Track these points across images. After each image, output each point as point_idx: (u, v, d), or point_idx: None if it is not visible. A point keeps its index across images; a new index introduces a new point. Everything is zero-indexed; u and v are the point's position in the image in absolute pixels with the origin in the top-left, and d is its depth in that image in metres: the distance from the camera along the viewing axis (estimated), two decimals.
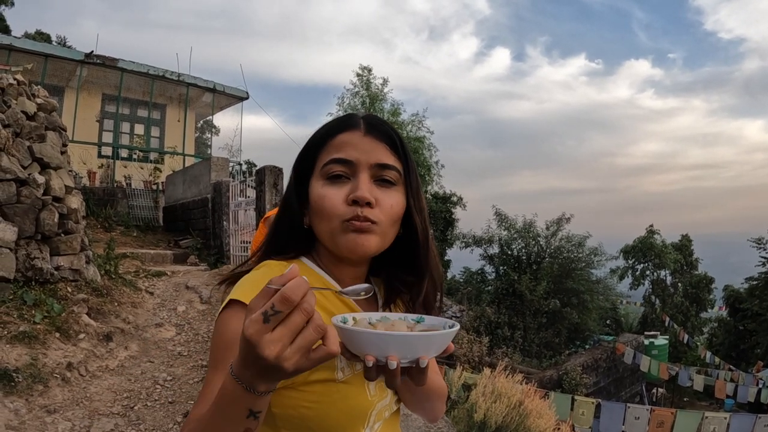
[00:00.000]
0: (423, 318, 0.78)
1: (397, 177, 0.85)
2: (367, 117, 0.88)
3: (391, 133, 0.86)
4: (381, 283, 0.95)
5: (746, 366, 16.79)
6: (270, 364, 0.56)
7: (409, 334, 0.67)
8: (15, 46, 12.61)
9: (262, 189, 7.99)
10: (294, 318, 0.56)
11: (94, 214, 10.70)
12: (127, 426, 3.47)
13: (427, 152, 17.15)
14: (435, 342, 0.67)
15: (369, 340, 0.64)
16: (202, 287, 6.60)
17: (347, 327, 0.66)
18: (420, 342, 0.66)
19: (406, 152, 0.87)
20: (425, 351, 0.66)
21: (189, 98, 16.19)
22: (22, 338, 3.83)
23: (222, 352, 0.76)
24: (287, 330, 0.56)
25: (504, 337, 13.69)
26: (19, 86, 5.05)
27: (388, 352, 0.64)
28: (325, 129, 0.87)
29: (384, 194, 0.83)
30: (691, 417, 7.52)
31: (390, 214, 0.83)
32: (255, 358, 0.56)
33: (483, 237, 17.23)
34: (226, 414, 0.63)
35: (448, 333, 0.68)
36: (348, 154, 0.82)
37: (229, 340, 0.76)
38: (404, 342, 0.65)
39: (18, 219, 4.42)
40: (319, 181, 0.84)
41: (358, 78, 17.47)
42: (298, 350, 0.56)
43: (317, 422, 0.78)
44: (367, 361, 0.64)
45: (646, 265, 23.60)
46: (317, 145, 0.87)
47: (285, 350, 0.56)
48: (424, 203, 0.91)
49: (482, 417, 4.58)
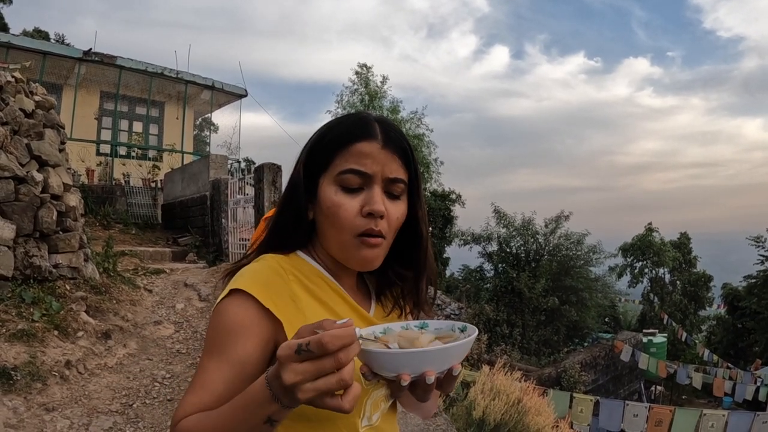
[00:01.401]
0: (426, 323, 0.78)
1: (403, 189, 0.87)
2: (382, 125, 0.88)
3: (405, 145, 0.88)
4: (373, 276, 0.97)
5: (744, 364, 16.84)
6: (285, 387, 0.59)
7: (447, 347, 0.67)
8: (13, 43, 12.58)
9: (260, 186, 7.98)
10: (324, 362, 0.58)
11: (93, 211, 10.68)
12: (126, 424, 3.46)
13: (426, 149, 17.18)
14: (466, 349, 0.68)
15: (406, 360, 0.64)
16: (200, 285, 6.60)
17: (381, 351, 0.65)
18: (455, 352, 0.67)
19: (416, 163, 0.90)
20: (458, 359, 0.67)
21: (187, 96, 16.16)
22: (21, 336, 3.82)
23: (220, 338, 0.77)
24: (313, 368, 0.58)
25: (503, 335, 13.72)
26: (18, 84, 5.03)
27: (425, 368, 0.64)
28: (341, 132, 0.87)
29: (392, 206, 0.85)
30: (690, 414, 7.53)
31: (395, 225, 0.86)
32: (277, 378, 0.60)
33: (482, 234, 17.26)
34: (246, 414, 0.65)
35: (471, 339, 0.69)
36: (367, 168, 0.83)
37: (228, 326, 0.77)
38: (442, 355, 0.65)
39: (16, 217, 4.41)
40: (332, 186, 0.85)
41: (357, 76, 17.48)
42: (315, 390, 0.59)
43: (314, 412, 0.78)
44: (403, 381, 0.65)
45: (645, 263, 23.62)
46: (332, 147, 0.86)
47: (304, 384, 0.58)
48: (425, 206, 0.94)
49: (481, 414, 4.58)
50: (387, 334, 0.75)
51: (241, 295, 0.78)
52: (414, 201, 0.90)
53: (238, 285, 0.79)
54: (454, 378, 0.71)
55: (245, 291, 0.78)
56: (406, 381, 0.65)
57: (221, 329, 0.78)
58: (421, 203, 0.91)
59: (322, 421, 0.80)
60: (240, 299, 0.78)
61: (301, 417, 0.79)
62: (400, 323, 0.79)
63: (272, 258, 0.87)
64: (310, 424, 0.80)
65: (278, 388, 0.61)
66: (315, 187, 0.87)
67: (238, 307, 0.77)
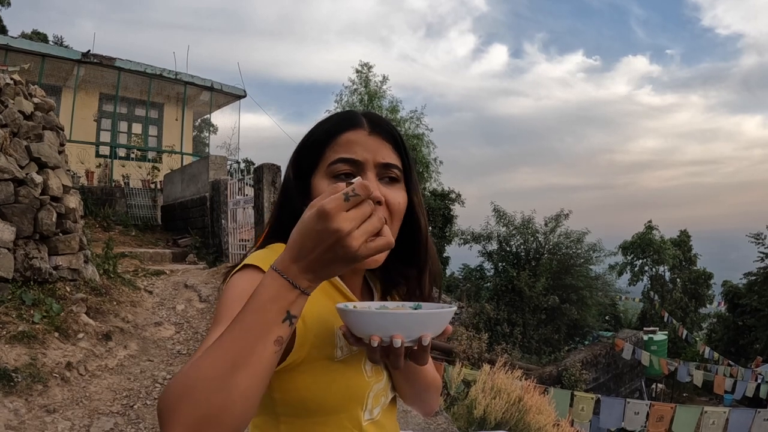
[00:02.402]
0: (420, 305, 0.81)
1: (399, 174, 0.87)
2: (368, 115, 0.89)
3: (393, 131, 0.88)
4: (377, 277, 0.97)
5: (745, 361, 16.84)
6: (341, 238, 0.60)
7: (412, 312, 0.71)
8: (12, 46, 12.56)
9: (260, 187, 7.97)
10: (364, 207, 0.62)
11: (93, 213, 10.68)
12: (127, 425, 3.47)
13: (425, 149, 17.15)
14: (436, 319, 0.70)
15: (374, 321, 0.68)
16: (201, 286, 6.60)
17: (352, 310, 0.70)
18: (422, 319, 0.69)
19: (407, 150, 0.89)
20: (427, 329, 0.69)
21: (187, 97, 16.15)
22: (21, 338, 3.83)
23: (228, 307, 0.72)
24: (360, 213, 0.61)
25: (503, 334, 13.71)
26: (17, 86, 5.03)
27: (393, 332, 0.67)
28: (329, 126, 0.88)
29: (390, 191, 0.85)
30: (691, 412, 7.53)
31: (397, 211, 0.85)
32: (325, 234, 0.60)
33: (482, 234, 17.26)
34: (261, 317, 0.60)
35: (448, 311, 0.71)
36: (356, 154, 0.83)
37: (237, 295, 0.73)
38: (408, 320, 0.69)
39: (16, 219, 4.41)
40: (324, 179, 0.85)
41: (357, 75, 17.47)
42: (365, 233, 0.61)
43: (316, 404, 0.79)
44: (373, 341, 0.67)
45: (645, 261, 23.63)
46: (321, 143, 0.87)
47: (355, 229, 0.60)
48: (422, 199, 0.93)
49: (482, 413, 4.58)
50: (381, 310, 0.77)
51: (253, 269, 0.77)
52: (407, 187, 0.89)
53: (252, 261, 0.78)
54: (425, 349, 0.72)
55: (257, 266, 0.77)
56: (376, 342, 0.67)
57: (230, 298, 0.74)
58: (416, 190, 0.90)
59: (327, 415, 0.80)
60: (251, 272, 0.77)
61: (306, 411, 0.79)
62: (396, 303, 0.83)
63: (280, 247, 0.84)
64: (316, 419, 0.80)
65: (303, 269, 0.62)
66: (309, 185, 0.87)
67: (249, 279, 0.75)
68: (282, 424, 0.81)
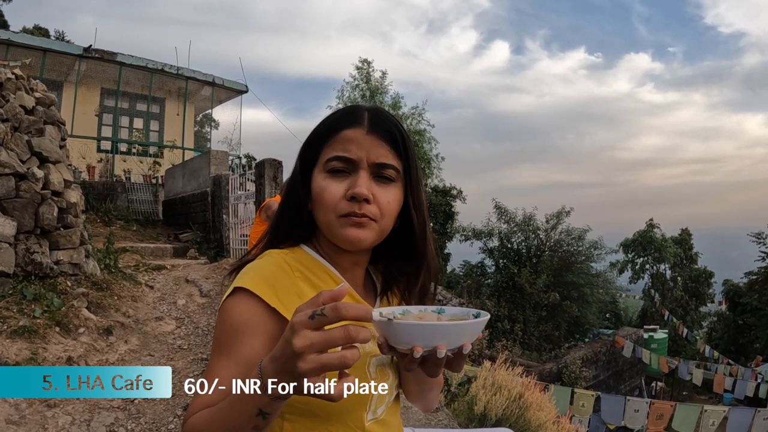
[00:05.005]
0: (443, 309, 0.81)
1: (396, 174, 0.87)
2: (371, 111, 0.89)
3: (393, 130, 0.87)
4: (379, 272, 0.99)
5: (745, 360, 16.85)
6: (294, 355, 0.59)
7: (460, 323, 0.70)
8: (13, 41, 12.55)
9: (261, 182, 7.97)
10: (335, 333, 0.59)
11: (94, 208, 10.68)
12: (128, 419, 3.47)
13: (427, 145, 17.12)
14: (476, 329, 0.71)
15: (419, 332, 0.67)
16: (202, 281, 6.60)
17: (397, 322, 0.68)
18: (466, 329, 0.70)
19: (408, 148, 0.88)
20: (468, 338, 0.70)
21: (188, 92, 16.13)
22: (22, 333, 3.83)
23: (227, 337, 0.78)
24: (323, 337, 0.58)
25: (504, 330, 13.73)
26: (18, 81, 5.02)
27: (437, 342, 0.67)
28: (330, 122, 0.89)
29: (382, 191, 0.85)
30: (691, 410, 7.55)
31: (387, 209, 0.85)
32: (286, 343, 0.60)
33: (483, 230, 17.24)
34: (241, 405, 0.66)
35: (483, 320, 0.71)
36: (350, 153, 0.84)
37: (234, 325, 0.78)
38: (453, 330, 0.68)
39: (17, 213, 4.41)
40: (321, 173, 0.87)
41: (358, 71, 17.42)
42: (317, 362, 0.59)
43: (321, 406, 0.79)
44: (416, 352, 0.67)
45: (646, 259, 23.65)
46: (322, 138, 0.89)
47: (310, 353, 0.59)
48: (423, 197, 0.93)
49: (482, 409, 4.59)
50: (405, 315, 0.77)
51: (246, 293, 0.78)
52: (408, 189, 0.89)
53: (242, 283, 0.79)
54: (464, 357, 0.73)
55: (248, 289, 0.79)
56: (419, 353, 0.67)
57: (228, 328, 0.78)
58: (415, 191, 0.90)
59: (330, 416, 0.81)
60: (245, 297, 0.78)
61: (309, 412, 0.80)
62: (418, 307, 0.82)
63: (277, 254, 0.87)
64: (319, 420, 0.81)
65: (274, 371, 0.61)
66: (310, 180, 0.89)
67: (243, 306, 0.78)
68: (286, 422, 0.81)
